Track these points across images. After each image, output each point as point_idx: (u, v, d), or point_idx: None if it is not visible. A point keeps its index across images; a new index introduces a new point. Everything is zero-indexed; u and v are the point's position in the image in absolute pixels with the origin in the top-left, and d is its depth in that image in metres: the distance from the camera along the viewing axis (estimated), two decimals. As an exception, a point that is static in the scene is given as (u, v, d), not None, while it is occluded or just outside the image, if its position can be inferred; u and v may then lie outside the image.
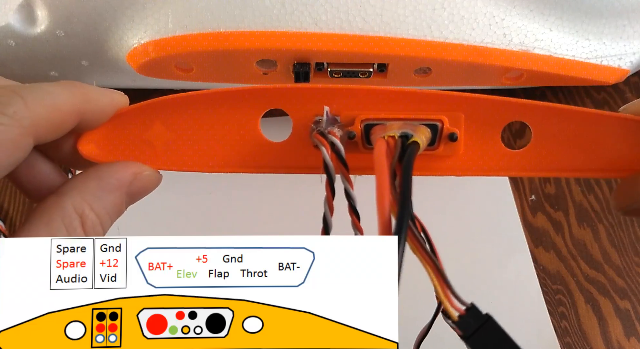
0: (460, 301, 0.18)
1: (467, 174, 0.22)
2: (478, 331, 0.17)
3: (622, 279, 0.33)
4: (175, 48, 0.31)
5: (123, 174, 0.20)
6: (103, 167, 0.20)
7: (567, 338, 0.31)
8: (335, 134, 0.20)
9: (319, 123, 0.20)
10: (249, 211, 0.36)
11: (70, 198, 0.18)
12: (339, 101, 0.20)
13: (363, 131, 0.20)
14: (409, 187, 0.17)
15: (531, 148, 0.21)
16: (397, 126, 0.20)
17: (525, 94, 0.39)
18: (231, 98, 0.20)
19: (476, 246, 0.34)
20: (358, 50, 0.31)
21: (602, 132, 0.21)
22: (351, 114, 0.20)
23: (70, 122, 0.19)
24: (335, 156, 0.19)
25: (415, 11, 0.31)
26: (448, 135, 0.20)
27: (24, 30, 0.32)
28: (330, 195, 0.19)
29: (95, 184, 0.19)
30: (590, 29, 0.33)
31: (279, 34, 0.31)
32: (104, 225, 0.19)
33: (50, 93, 0.18)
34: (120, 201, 0.20)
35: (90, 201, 0.19)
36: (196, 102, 0.20)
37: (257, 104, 0.21)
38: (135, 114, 0.20)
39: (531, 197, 0.37)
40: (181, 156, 0.21)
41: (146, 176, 0.20)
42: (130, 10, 0.31)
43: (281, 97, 0.20)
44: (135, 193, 0.20)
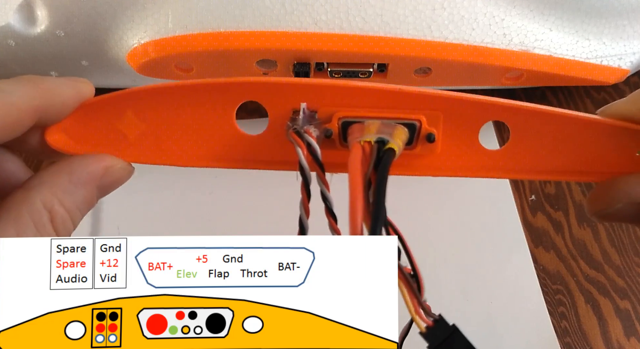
0: (428, 313, 0.18)
1: (444, 174, 0.21)
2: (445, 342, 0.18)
3: (622, 279, 0.33)
4: (175, 48, 0.31)
5: (95, 168, 0.19)
6: (74, 161, 0.19)
7: (567, 338, 0.31)
8: (311, 133, 0.19)
9: (296, 120, 0.20)
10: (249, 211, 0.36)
11: (38, 193, 0.18)
12: (317, 96, 0.20)
13: (340, 128, 0.20)
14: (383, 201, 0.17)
15: (509, 148, 0.21)
16: (374, 127, 0.19)
17: (525, 94, 0.39)
18: (206, 90, 0.20)
19: (476, 246, 0.34)
20: (358, 50, 0.31)
21: (580, 135, 0.21)
22: (329, 110, 0.20)
23: (28, 120, 0.18)
24: (312, 157, 0.19)
25: (415, 11, 0.31)
26: (426, 135, 0.20)
27: (24, 30, 0.32)
28: (306, 197, 0.19)
29: (66, 179, 0.18)
30: (590, 29, 0.33)
31: (279, 34, 0.31)
32: (74, 220, 0.19)
33: (2, 91, 0.17)
34: (92, 195, 0.19)
35: (60, 196, 0.18)
36: (169, 94, 0.20)
37: (232, 97, 0.20)
38: (105, 104, 0.20)
39: (531, 197, 0.37)
40: (154, 149, 0.21)
41: (118, 169, 0.20)
42: (130, 10, 0.31)
43: (257, 91, 0.20)
44: (107, 186, 0.20)
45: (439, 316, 0.18)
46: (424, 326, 0.18)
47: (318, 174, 0.19)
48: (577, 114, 0.20)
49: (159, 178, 0.37)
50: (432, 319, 0.18)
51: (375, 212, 0.17)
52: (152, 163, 0.21)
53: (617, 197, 0.20)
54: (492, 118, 0.21)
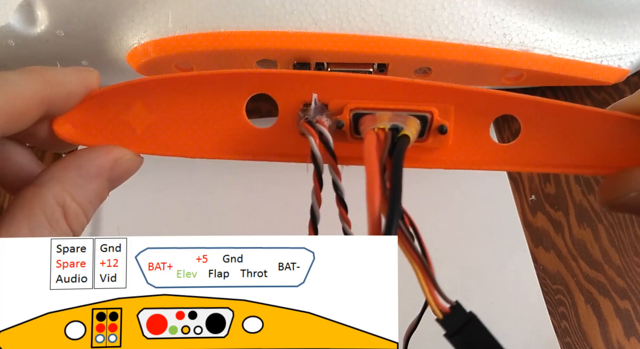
0: (446, 299, 0.17)
1: (455, 166, 0.21)
2: (461, 329, 0.17)
3: (622, 279, 0.33)
4: (175, 48, 0.31)
5: (104, 161, 0.19)
6: (83, 154, 0.19)
7: (567, 338, 0.31)
8: (323, 123, 0.19)
9: (307, 111, 0.20)
10: (249, 211, 0.36)
11: (50, 189, 0.18)
12: (328, 88, 0.20)
13: (352, 120, 0.20)
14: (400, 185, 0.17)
15: (520, 142, 0.21)
16: (386, 118, 0.19)
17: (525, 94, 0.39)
18: (215, 81, 0.20)
19: (476, 246, 0.34)
20: (358, 50, 0.31)
21: (591, 128, 0.21)
22: (340, 102, 0.20)
23: (36, 111, 0.18)
24: (324, 146, 0.19)
25: (415, 11, 0.31)
26: (438, 127, 0.20)
27: (24, 30, 0.32)
28: (318, 186, 0.19)
29: (76, 173, 0.18)
30: (590, 29, 0.33)
31: (279, 34, 0.31)
32: (87, 214, 0.19)
33: (8, 82, 0.17)
34: (102, 188, 0.19)
35: (71, 191, 0.18)
36: (179, 85, 0.20)
37: (242, 89, 0.20)
38: (114, 94, 0.20)
39: (531, 197, 0.37)
40: (163, 140, 0.21)
41: (127, 160, 0.20)
42: (130, 10, 0.31)
43: (268, 83, 0.20)
44: (117, 178, 0.20)
45: (455, 303, 0.17)
46: (440, 313, 0.17)
47: (330, 163, 0.19)
48: (588, 108, 0.20)
49: (159, 178, 0.37)
50: (449, 305, 0.17)
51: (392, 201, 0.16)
52: (161, 154, 0.21)
53: (630, 186, 0.20)
54: (504, 112, 0.21)
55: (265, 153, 0.21)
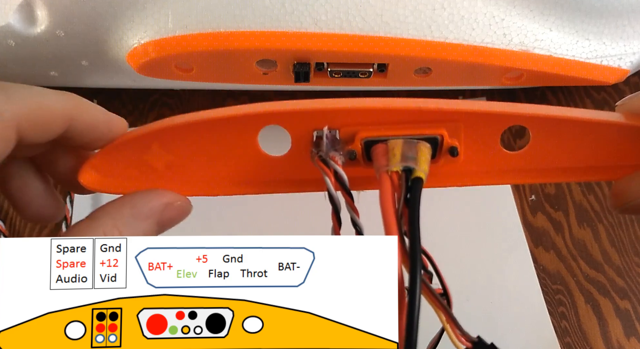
0: (467, 337, 0.18)
1: (468, 183, 0.22)
2: None
3: (622, 279, 0.33)
4: (175, 48, 0.31)
5: (156, 203, 0.20)
6: (137, 195, 0.20)
7: (567, 338, 0.31)
8: (337, 161, 0.20)
9: (320, 145, 0.20)
10: (249, 211, 0.36)
11: (102, 224, 0.19)
12: (338, 119, 0.20)
13: (363, 147, 0.20)
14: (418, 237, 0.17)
15: (529, 151, 0.21)
16: (398, 150, 0.19)
17: (525, 94, 0.39)
18: (228, 122, 0.20)
19: (476, 246, 0.34)
20: (358, 50, 0.31)
21: (601, 136, 0.21)
22: (351, 130, 0.20)
23: (58, 124, 0.19)
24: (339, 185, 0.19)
25: (415, 11, 0.31)
26: (448, 150, 0.20)
27: (24, 30, 0.32)
28: (337, 225, 0.19)
29: (128, 212, 0.19)
30: (590, 29, 0.33)
31: (279, 34, 0.31)
32: None
33: (39, 92, 0.18)
34: (151, 229, 0.20)
35: (120, 228, 0.19)
36: (192, 128, 0.20)
37: (254, 124, 0.20)
38: (131, 140, 0.20)
39: (531, 197, 0.37)
40: (182, 178, 0.21)
41: (178, 205, 0.21)
42: (130, 10, 0.31)
43: (278, 117, 0.20)
44: (166, 222, 0.20)
45: (477, 338, 0.18)
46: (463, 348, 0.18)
47: (347, 203, 0.19)
48: (597, 118, 0.20)
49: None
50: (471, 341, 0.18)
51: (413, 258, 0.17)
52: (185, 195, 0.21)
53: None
54: (513, 123, 0.21)
55: (283, 180, 0.22)
